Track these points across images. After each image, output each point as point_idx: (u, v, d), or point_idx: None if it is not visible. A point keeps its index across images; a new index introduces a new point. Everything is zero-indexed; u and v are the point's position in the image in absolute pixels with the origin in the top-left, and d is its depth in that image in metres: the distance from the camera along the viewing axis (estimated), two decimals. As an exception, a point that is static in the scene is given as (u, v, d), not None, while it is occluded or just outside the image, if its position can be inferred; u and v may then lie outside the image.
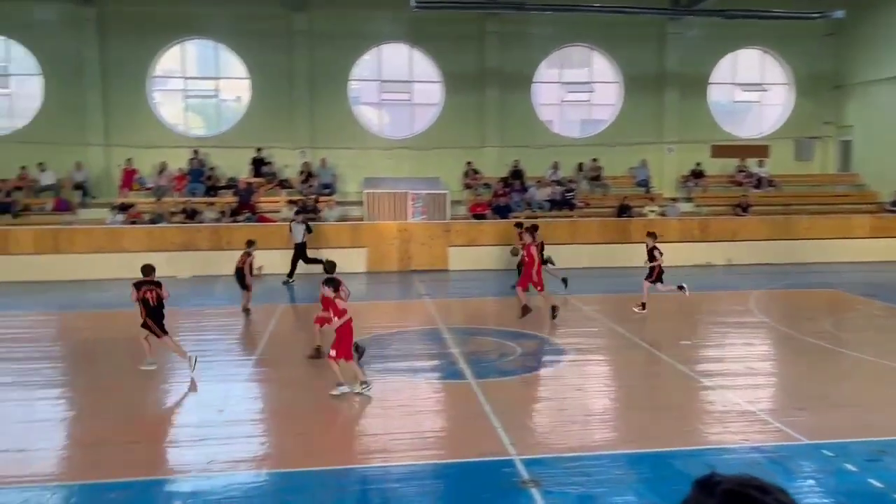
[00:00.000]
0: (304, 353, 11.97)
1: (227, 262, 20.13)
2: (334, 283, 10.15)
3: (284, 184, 24.31)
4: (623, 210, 23.87)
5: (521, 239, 15.91)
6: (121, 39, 24.05)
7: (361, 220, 23.00)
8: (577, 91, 27.57)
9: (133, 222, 21.45)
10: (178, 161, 24.11)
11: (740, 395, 9.88)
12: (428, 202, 23.08)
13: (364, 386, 9.84)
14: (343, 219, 23.06)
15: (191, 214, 21.92)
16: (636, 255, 22.79)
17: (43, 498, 6.96)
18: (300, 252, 19.88)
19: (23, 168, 23.03)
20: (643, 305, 15.19)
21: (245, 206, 22.48)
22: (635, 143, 26.42)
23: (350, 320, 9.86)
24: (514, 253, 17.40)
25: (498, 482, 7.31)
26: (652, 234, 15.62)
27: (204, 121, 26.62)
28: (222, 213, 22.49)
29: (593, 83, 27.40)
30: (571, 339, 13.39)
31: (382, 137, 26.28)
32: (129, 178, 23.38)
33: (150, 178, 23.66)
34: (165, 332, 11.22)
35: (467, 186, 25.35)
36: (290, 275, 19.76)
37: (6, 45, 24.29)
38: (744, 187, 26.04)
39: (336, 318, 9.84)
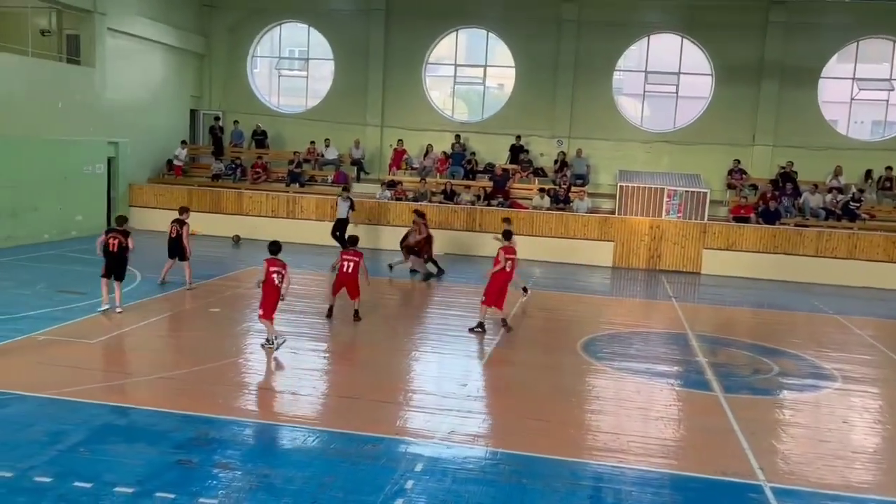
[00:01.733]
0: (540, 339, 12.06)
1: (481, 243, 21.04)
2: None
3: (539, 172, 24.63)
4: (918, 226, 20.82)
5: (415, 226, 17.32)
6: (403, 27, 25.93)
7: (612, 213, 22.57)
8: (873, 88, 24.43)
9: (398, 199, 23.11)
10: (443, 144, 25.48)
11: None
12: (685, 200, 21.98)
13: (269, 343, 10.89)
14: (593, 211, 22.82)
15: (449, 195, 23.08)
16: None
17: (308, 438, 7.80)
18: (341, 226, 20.40)
19: (311, 143, 25.87)
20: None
21: (499, 192, 23.16)
22: (942, 151, 22.87)
23: (270, 285, 10.88)
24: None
25: (742, 507, 6.80)
26: (506, 220, 16.70)
27: (468, 107, 27.79)
28: (478, 196, 23.37)
29: (895, 80, 24.11)
30: (840, 364, 12.01)
31: (642, 130, 25.52)
32: (399, 158, 25.22)
33: (416, 159, 25.33)
34: (119, 279, 12.53)
35: (731, 186, 23.75)
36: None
37: (307, 33, 27.31)
38: None
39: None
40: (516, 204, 22.86)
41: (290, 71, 28.55)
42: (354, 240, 13.51)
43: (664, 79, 25.36)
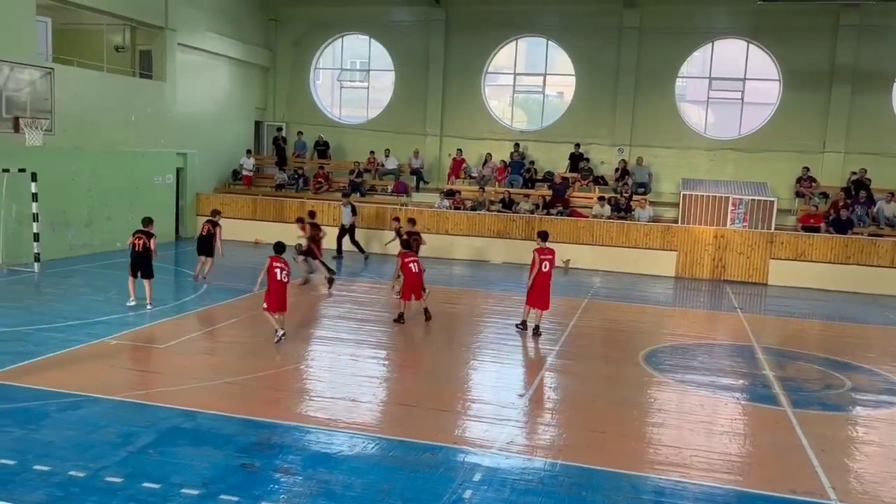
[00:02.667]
0: (599, 351, 11.88)
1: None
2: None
3: (599, 180, 24.37)
4: None
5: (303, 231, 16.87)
6: (463, 38, 26.07)
7: (675, 222, 22.16)
8: (953, 91, 23.36)
9: (457, 208, 23.17)
10: (501, 153, 25.48)
11: None
12: (751, 209, 21.43)
13: (278, 334, 11.59)
14: (655, 219, 22.44)
15: (508, 204, 23.04)
16: None
17: (368, 445, 7.87)
18: (348, 232, 21.42)
19: (371, 153, 26.20)
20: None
21: (558, 200, 22.99)
22: None
23: (273, 280, 11.59)
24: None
25: (812, 527, 6.56)
26: (411, 220, 17.61)
27: (527, 115, 27.71)
28: (537, 205, 23.26)
29: (976, 82, 23.00)
30: (918, 380, 11.48)
31: (705, 137, 24.99)
32: (458, 167, 25.32)
33: (474, 168, 25.37)
34: (146, 277, 13.47)
35: (799, 195, 23.01)
36: (339, 252, 21.44)
37: (369, 45, 27.72)
38: None
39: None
40: (576, 213, 22.65)
41: (352, 82, 29.02)
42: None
43: (729, 85, 24.80)
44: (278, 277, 11.56)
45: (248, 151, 26.67)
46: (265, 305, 11.67)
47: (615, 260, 21.28)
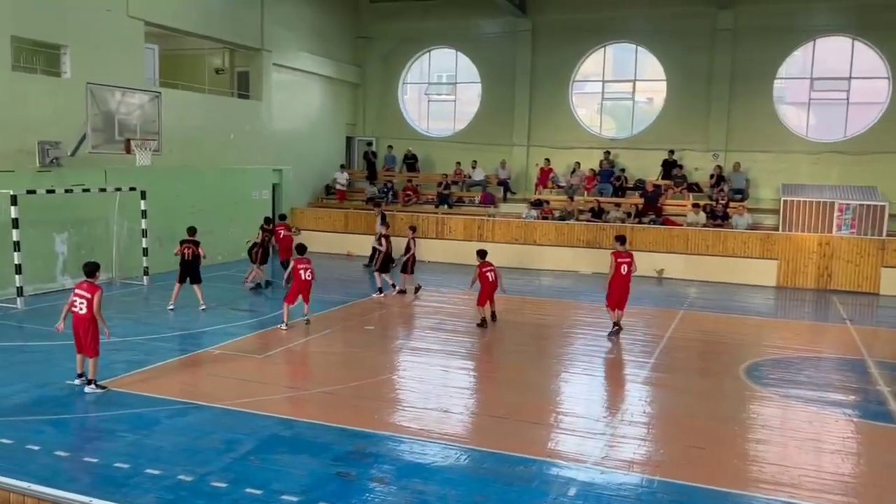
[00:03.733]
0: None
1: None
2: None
3: (693, 187, 23.65)
4: None
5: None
6: (550, 47, 25.93)
7: (775, 229, 21.23)
8: None
9: (545, 218, 22.99)
10: (590, 162, 25.12)
11: None
12: (859, 214, 20.28)
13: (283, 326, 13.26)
14: (754, 227, 21.57)
15: (597, 213, 22.67)
16: None
17: (461, 457, 7.87)
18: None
19: (458, 164, 26.38)
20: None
21: (651, 209, 22.45)
22: None
23: (297, 279, 13.37)
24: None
25: (937, 555, 6.10)
26: (412, 228, 18.03)
27: (616, 123, 27.23)
28: (628, 213, 22.79)
29: None
30: None
31: (807, 140, 23.85)
32: (546, 177, 25.12)
33: (563, 177, 25.12)
34: (196, 282, 14.64)
35: (913, 198, 21.62)
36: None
37: (455, 57, 27.97)
38: None
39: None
40: (669, 221, 22.05)
41: (439, 95, 29.32)
42: (484, 252, 14.65)
43: (832, 84, 23.60)
44: (302, 277, 13.28)
45: (342, 166, 27.37)
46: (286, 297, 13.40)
47: (711, 269, 20.57)
